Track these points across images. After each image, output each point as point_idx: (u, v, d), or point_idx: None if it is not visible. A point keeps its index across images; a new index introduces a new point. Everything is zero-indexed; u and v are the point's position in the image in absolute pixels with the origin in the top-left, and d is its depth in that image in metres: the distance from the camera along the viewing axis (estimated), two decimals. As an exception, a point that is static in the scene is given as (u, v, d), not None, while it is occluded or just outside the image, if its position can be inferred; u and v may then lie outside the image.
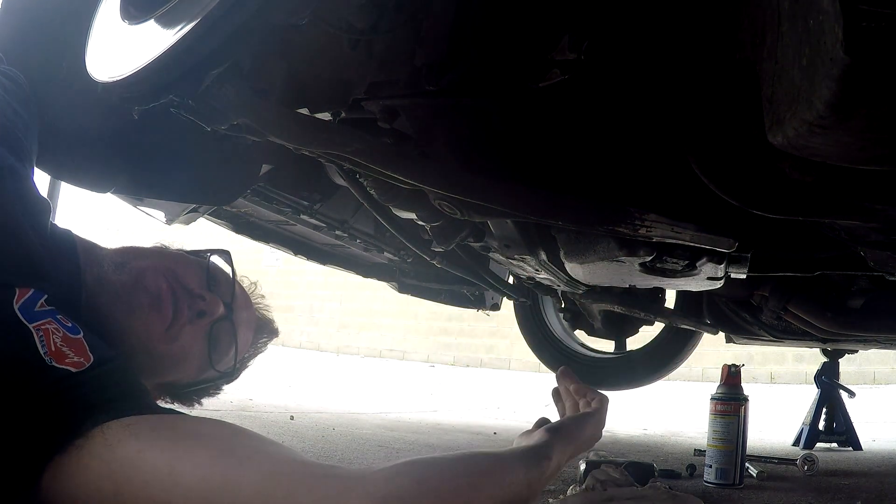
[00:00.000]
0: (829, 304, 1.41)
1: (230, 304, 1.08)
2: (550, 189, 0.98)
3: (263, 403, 3.14)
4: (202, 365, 1.06)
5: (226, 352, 1.08)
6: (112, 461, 0.74)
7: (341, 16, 0.88)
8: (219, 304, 1.04)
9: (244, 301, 1.14)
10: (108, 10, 0.97)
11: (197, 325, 1.02)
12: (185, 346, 1.01)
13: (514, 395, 5.17)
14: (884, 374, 6.20)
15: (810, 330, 1.50)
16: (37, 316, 0.81)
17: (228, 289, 1.10)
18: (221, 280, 1.09)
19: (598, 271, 1.18)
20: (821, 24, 0.51)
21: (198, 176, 1.39)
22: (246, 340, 1.15)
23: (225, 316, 1.05)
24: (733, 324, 1.71)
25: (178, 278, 1.02)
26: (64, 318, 0.83)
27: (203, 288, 1.04)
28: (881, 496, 1.70)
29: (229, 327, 1.07)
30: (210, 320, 1.03)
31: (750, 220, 0.91)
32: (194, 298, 1.02)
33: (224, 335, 1.06)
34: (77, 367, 0.78)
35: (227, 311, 1.06)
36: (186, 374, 1.07)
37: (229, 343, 1.07)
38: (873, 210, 0.80)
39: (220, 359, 1.07)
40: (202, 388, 1.14)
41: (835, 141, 0.56)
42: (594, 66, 0.88)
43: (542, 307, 2.77)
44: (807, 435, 2.68)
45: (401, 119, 1.01)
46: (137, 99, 0.74)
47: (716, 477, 1.72)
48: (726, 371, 1.82)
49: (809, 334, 1.55)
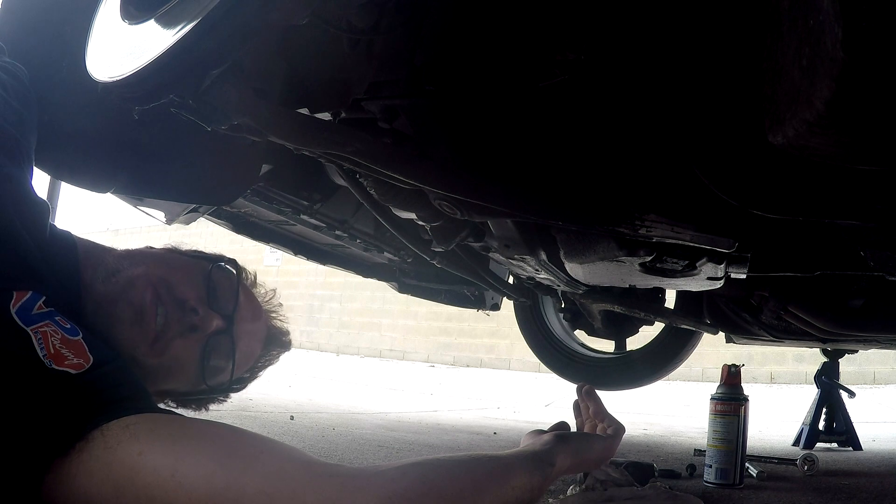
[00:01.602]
0: (829, 304, 1.41)
1: (232, 316, 1.05)
2: (550, 189, 0.98)
3: (263, 403, 3.14)
4: (199, 377, 1.03)
5: (223, 366, 1.05)
6: (112, 463, 0.74)
7: (341, 16, 0.88)
8: (213, 319, 1.01)
9: (249, 313, 1.10)
10: (108, 10, 0.97)
11: (189, 338, 0.99)
12: (175, 359, 0.99)
13: (514, 395, 5.17)
14: (884, 374, 6.21)
15: (810, 330, 1.50)
16: (35, 318, 0.81)
17: (232, 300, 1.06)
18: (224, 291, 1.06)
19: (598, 271, 1.18)
20: (821, 24, 0.51)
21: (198, 176, 1.39)
22: (250, 353, 1.12)
23: (223, 330, 1.02)
24: (733, 324, 1.71)
25: (172, 289, 0.99)
26: (62, 319, 0.83)
27: (200, 300, 1.01)
28: (881, 496, 1.70)
29: (227, 341, 1.04)
30: (204, 335, 1.00)
31: (750, 220, 0.91)
32: (186, 312, 0.99)
33: (220, 349, 1.03)
34: (76, 368, 0.78)
35: (226, 325, 1.03)
36: (182, 384, 1.05)
37: (227, 357, 1.05)
38: (873, 210, 0.80)
39: (216, 373, 1.05)
40: (205, 397, 1.12)
41: (835, 141, 0.56)
42: (594, 65, 0.88)
43: (542, 307, 2.77)
44: (807, 435, 2.68)
45: (401, 119, 1.01)
46: (137, 99, 0.73)
47: (716, 477, 1.72)
48: (726, 371, 1.82)
49: (809, 334, 1.54)
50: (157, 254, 1.09)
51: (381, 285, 2.55)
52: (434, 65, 0.94)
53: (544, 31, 0.89)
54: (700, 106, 0.86)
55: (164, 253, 1.11)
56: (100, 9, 1.02)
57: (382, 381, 6.02)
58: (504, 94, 0.95)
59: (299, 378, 5.15)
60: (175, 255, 1.09)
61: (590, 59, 0.87)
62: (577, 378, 2.72)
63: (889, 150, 0.57)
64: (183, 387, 1.06)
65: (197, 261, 1.09)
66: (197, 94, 0.72)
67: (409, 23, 0.94)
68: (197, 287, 1.02)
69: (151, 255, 1.07)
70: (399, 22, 0.93)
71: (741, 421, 1.75)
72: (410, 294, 2.48)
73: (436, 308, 4.43)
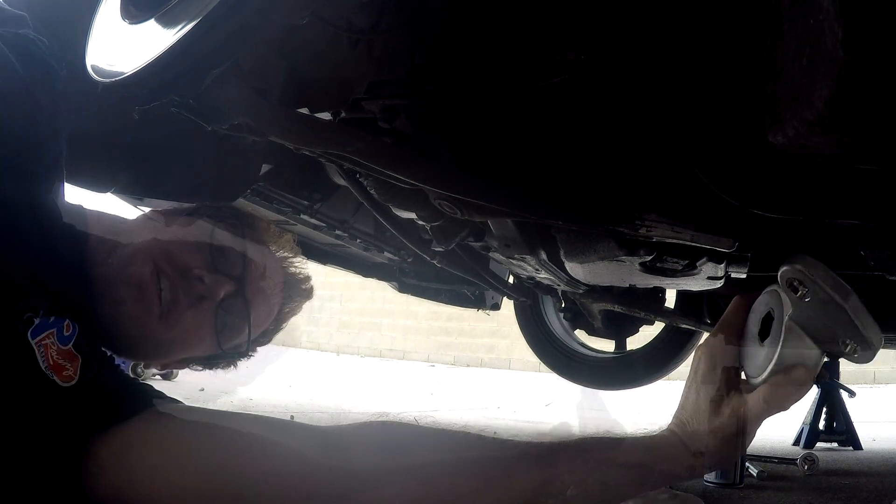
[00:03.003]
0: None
1: (242, 276, 1.00)
2: (550, 189, 0.98)
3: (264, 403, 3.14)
4: (214, 344, 1.00)
5: (239, 328, 1.01)
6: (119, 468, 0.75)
7: (341, 15, 0.88)
8: (221, 286, 0.97)
9: (261, 269, 1.04)
10: (109, 10, 0.97)
11: (199, 308, 0.96)
12: (188, 330, 0.96)
13: (514, 395, 5.17)
14: (884, 374, 6.20)
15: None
16: (38, 330, 0.79)
17: (240, 260, 1.01)
18: (231, 251, 1.01)
19: (598, 271, 1.17)
20: (821, 24, 0.51)
21: (198, 176, 1.39)
22: (268, 310, 1.07)
23: (234, 293, 0.98)
24: (733, 323, 1.71)
25: (173, 259, 0.95)
26: (59, 324, 0.81)
27: (205, 266, 0.97)
28: (881, 496, 1.70)
29: (241, 303, 0.99)
30: (214, 302, 0.97)
31: (750, 219, 0.91)
32: (191, 281, 0.95)
33: (234, 312, 0.99)
34: (68, 380, 0.77)
35: (237, 286, 0.99)
36: (201, 351, 1.02)
37: (243, 319, 1.00)
38: (873, 210, 0.80)
39: (233, 336, 1.01)
40: (230, 358, 1.09)
41: (835, 140, 0.56)
42: (594, 65, 0.88)
43: (542, 307, 2.77)
44: (807, 434, 2.68)
45: (401, 119, 1.01)
46: (138, 99, 0.73)
47: (716, 476, 1.73)
48: (726, 371, 1.81)
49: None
50: (154, 224, 1.04)
51: (381, 285, 2.54)
52: (434, 64, 0.94)
53: (544, 31, 0.89)
54: (700, 105, 0.86)
55: (163, 220, 1.05)
56: (100, 9, 1.02)
57: (383, 380, 6.01)
58: (504, 94, 0.95)
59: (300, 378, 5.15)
60: (175, 220, 1.04)
61: (590, 58, 0.87)
62: (577, 378, 2.72)
63: (889, 149, 0.57)
64: (203, 353, 1.03)
65: (199, 221, 1.04)
66: (197, 94, 0.72)
67: (409, 23, 0.94)
68: (201, 251, 0.98)
69: (149, 227, 1.02)
70: (399, 22, 0.93)
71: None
72: (410, 294, 2.47)
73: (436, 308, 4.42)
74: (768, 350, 0.78)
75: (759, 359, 0.79)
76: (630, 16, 0.87)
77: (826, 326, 0.75)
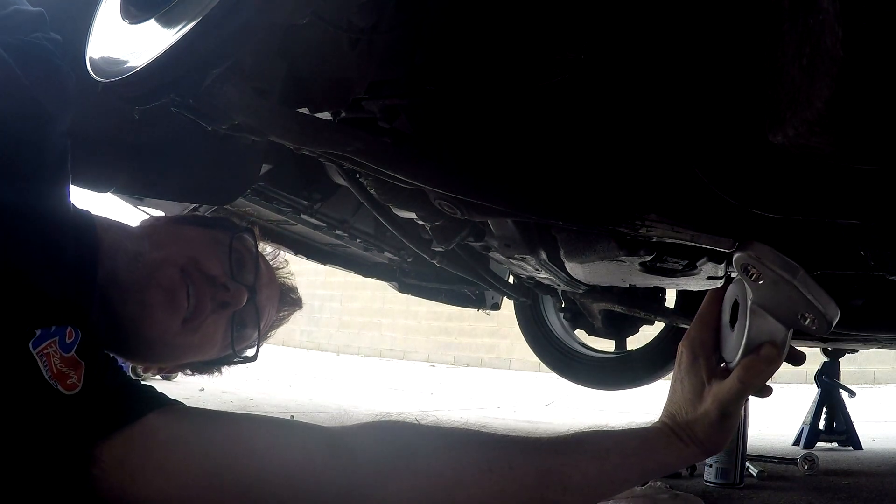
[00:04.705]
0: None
1: (254, 286, 1.04)
2: (550, 189, 0.98)
3: (264, 403, 3.14)
4: (224, 347, 1.04)
5: (249, 334, 1.06)
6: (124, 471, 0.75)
7: (341, 15, 0.88)
8: (243, 294, 1.00)
9: (267, 278, 1.10)
10: (109, 9, 0.97)
11: (220, 314, 1.00)
12: (206, 335, 0.99)
13: (514, 395, 5.17)
14: (884, 373, 6.21)
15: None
16: (39, 340, 0.78)
17: (252, 269, 1.05)
18: (246, 261, 1.05)
19: (599, 271, 1.18)
20: (821, 24, 0.51)
21: (198, 175, 1.39)
22: (270, 318, 1.13)
23: (249, 300, 1.02)
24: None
25: (199, 266, 0.98)
26: (61, 332, 0.79)
27: (226, 274, 1.00)
28: (881, 496, 1.70)
29: (253, 311, 1.04)
30: (233, 310, 1.00)
31: (750, 219, 0.91)
32: (217, 289, 0.99)
33: (247, 320, 1.04)
34: (72, 388, 0.77)
35: (250, 295, 1.02)
36: (208, 356, 1.06)
37: (253, 326, 1.06)
38: (873, 210, 0.80)
39: (241, 342, 1.06)
40: (218, 364, 1.13)
41: (835, 140, 0.56)
42: (594, 65, 0.88)
43: (542, 307, 2.77)
44: (807, 434, 2.68)
45: (401, 119, 1.01)
46: (138, 98, 0.73)
47: (716, 476, 1.73)
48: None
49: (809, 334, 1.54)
50: (177, 230, 1.06)
51: (381, 285, 2.55)
52: (434, 64, 0.94)
53: (544, 31, 0.89)
54: (700, 105, 0.86)
55: (183, 226, 1.08)
56: (100, 9, 1.02)
57: (383, 380, 6.02)
58: (504, 94, 0.95)
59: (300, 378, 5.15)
60: (194, 229, 1.07)
61: (590, 58, 0.87)
62: (577, 378, 2.72)
63: (889, 149, 0.57)
64: (207, 357, 1.07)
65: (215, 231, 1.07)
66: (197, 94, 0.72)
67: (409, 22, 0.94)
68: (222, 260, 1.01)
69: (171, 233, 1.05)
70: (399, 22, 0.93)
71: (741, 420, 1.76)
72: (411, 294, 2.48)
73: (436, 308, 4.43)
74: (737, 334, 0.83)
75: (731, 343, 0.85)
76: (630, 15, 0.87)
77: (784, 304, 0.79)
